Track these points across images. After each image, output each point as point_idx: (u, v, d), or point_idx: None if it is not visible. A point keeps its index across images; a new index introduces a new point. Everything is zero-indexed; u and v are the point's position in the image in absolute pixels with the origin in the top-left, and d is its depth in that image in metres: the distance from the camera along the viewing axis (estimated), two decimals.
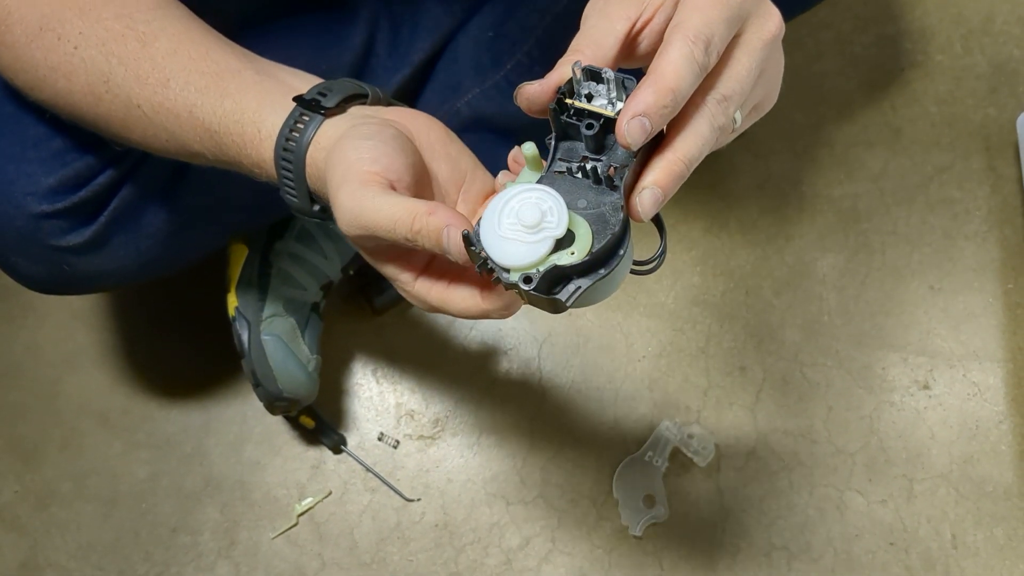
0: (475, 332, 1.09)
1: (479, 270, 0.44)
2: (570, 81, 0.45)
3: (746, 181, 1.12)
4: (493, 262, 0.44)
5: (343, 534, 1.02)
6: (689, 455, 1.01)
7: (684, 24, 0.43)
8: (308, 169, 0.52)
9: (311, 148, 0.52)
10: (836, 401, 1.03)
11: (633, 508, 1.00)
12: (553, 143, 0.47)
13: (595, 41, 0.47)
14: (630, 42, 0.48)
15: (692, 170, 0.45)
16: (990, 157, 1.11)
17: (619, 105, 0.45)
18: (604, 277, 0.44)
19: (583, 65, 0.45)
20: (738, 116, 0.47)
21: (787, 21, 0.88)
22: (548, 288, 0.43)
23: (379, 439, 1.05)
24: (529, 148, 0.47)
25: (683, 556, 0.99)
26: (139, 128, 0.58)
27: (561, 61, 0.47)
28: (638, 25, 0.47)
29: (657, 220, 0.48)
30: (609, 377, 1.06)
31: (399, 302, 1.09)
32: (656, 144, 0.45)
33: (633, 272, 0.48)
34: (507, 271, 0.44)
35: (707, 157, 0.46)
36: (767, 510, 1.00)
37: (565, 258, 0.43)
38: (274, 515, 1.03)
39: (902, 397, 1.03)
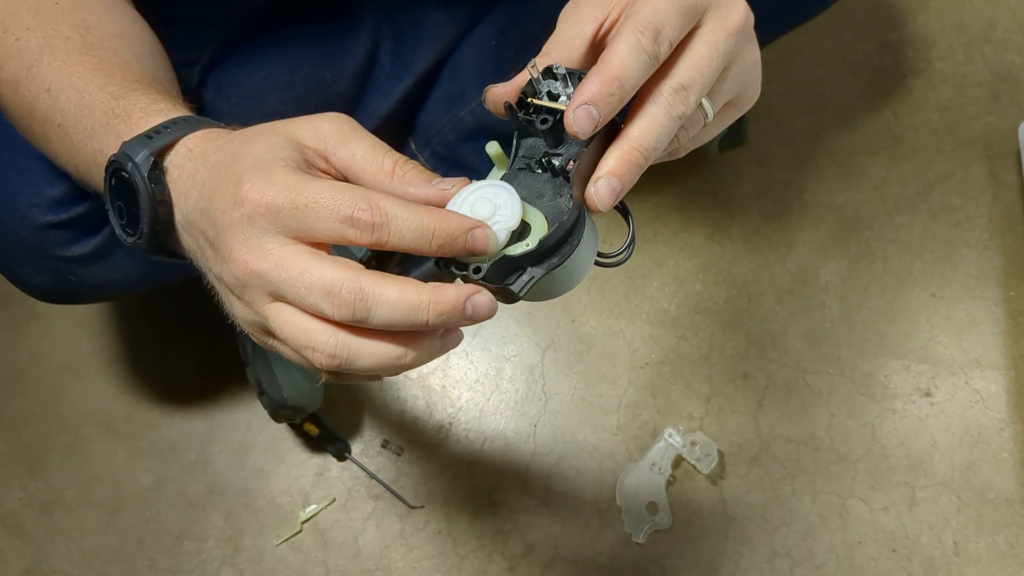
0: (478, 338, 1.09)
1: (436, 265, 0.45)
2: (531, 81, 0.46)
3: (748, 189, 1.12)
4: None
5: (347, 541, 1.02)
6: (692, 462, 1.01)
7: (633, 16, 0.44)
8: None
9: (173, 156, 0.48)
10: (838, 408, 1.03)
11: (636, 515, 1.00)
12: (515, 141, 0.48)
13: (565, 43, 0.48)
14: (598, 42, 0.48)
15: (650, 160, 0.45)
16: (992, 165, 1.11)
17: None
18: (558, 267, 0.45)
19: (539, 65, 0.46)
20: (707, 107, 0.47)
21: (785, 33, 0.88)
22: (501, 278, 0.44)
23: (383, 446, 1.05)
24: (492, 147, 0.49)
25: (686, 563, 0.99)
26: (42, 111, 0.55)
27: (528, 64, 0.48)
28: (605, 25, 0.48)
29: (623, 210, 0.48)
30: (612, 384, 1.06)
31: None
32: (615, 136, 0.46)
33: (600, 264, 0.49)
34: (463, 264, 0.44)
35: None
36: (770, 517, 1.00)
37: (519, 248, 0.44)
38: (278, 522, 1.03)
39: (904, 404, 1.03)
